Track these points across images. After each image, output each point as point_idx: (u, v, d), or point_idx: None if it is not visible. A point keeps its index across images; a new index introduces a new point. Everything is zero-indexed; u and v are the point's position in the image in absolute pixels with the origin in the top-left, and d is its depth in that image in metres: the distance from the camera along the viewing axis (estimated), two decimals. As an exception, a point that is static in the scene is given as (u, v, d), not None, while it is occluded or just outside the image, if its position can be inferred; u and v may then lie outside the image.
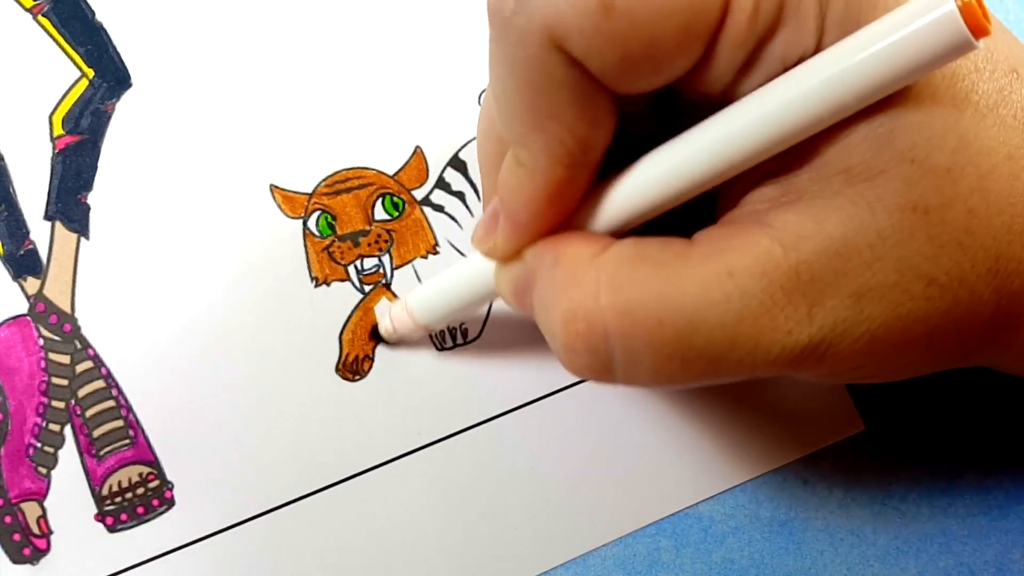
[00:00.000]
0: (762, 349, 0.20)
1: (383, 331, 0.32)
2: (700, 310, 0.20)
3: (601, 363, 0.22)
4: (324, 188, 0.32)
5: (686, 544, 0.32)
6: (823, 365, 0.21)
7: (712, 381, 0.22)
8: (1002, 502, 0.32)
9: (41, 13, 0.33)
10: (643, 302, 0.21)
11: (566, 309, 0.22)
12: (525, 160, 0.21)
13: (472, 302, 0.28)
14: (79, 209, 0.32)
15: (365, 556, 0.31)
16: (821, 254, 0.20)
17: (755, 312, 0.20)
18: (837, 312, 0.20)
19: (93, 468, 0.31)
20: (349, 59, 0.33)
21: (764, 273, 0.20)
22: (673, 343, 0.21)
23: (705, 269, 0.20)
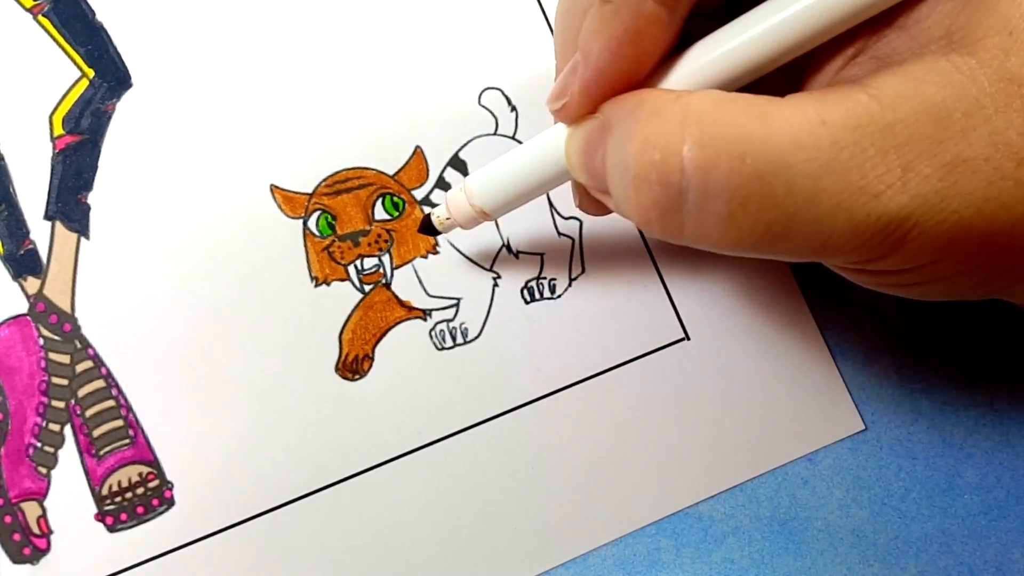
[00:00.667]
0: (845, 210, 0.19)
1: (436, 220, 0.30)
2: (786, 153, 0.19)
3: (671, 201, 0.21)
4: (324, 188, 0.32)
5: (686, 544, 0.32)
6: (903, 249, 0.20)
7: (784, 248, 0.21)
8: (1002, 502, 0.32)
9: (41, 13, 0.33)
10: (728, 137, 0.20)
11: (643, 137, 0.21)
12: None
13: (537, 183, 0.26)
14: (79, 209, 0.32)
15: (365, 556, 0.31)
16: (920, 116, 0.19)
17: (845, 165, 0.19)
18: (930, 182, 0.19)
19: (93, 468, 0.31)
20: (349, 59, 0.33)
21: (859, 126, 0.19)
22: (753, 184, 0.20)
23: (796, 114, 0.20)
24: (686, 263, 0.33)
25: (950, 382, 0.33)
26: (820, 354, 0.32)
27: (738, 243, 0.21)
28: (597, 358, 0.32)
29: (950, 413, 0.32)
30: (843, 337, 0.33)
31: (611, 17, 0.21)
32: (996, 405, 0.32)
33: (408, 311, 0.32)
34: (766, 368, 0.32)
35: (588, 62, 0.22)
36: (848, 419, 0.32)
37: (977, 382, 0.33)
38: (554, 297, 0.33)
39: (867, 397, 0.32)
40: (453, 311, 0.32)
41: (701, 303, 0.33)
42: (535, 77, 0.33)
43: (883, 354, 0.33)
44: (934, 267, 0.21)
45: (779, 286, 0.33)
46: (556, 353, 0.32)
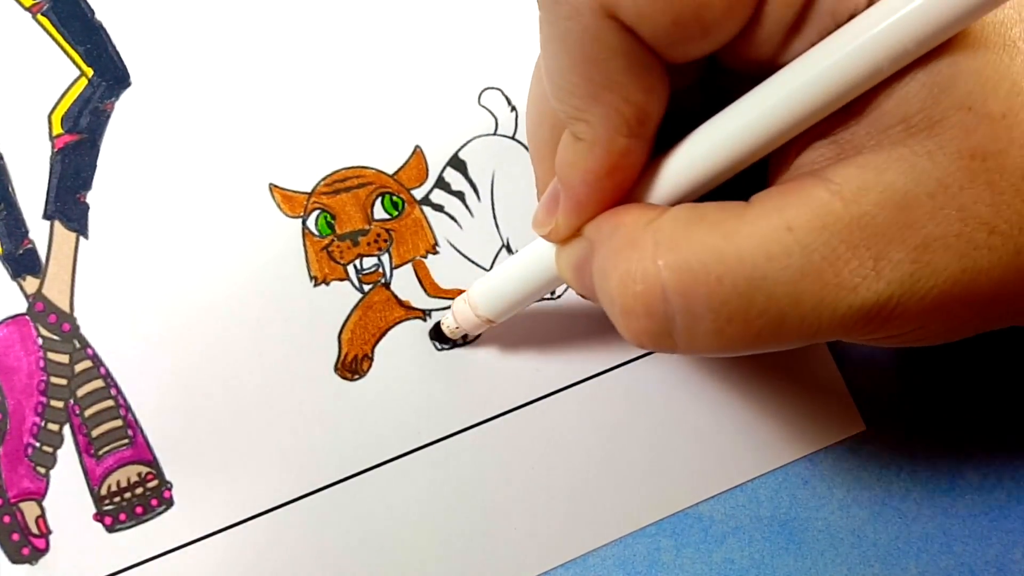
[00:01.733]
0: (827, 307, 0.20)
1: (446, 329, 0.31)
2: (759, 266, 0.20)
3: (660, 327, 0.21)
4: (323, 187, 0.32)
5: (686, 544, 0.32)
6: (890, 325, 0.21)
7: (778, 346, 0.22)
8: (1003, 502, 0.32)
9: (40, 12, 0.33)
10: (701, 259, 0.20)
11: (623, 271, 0.21)
12: (583, 134, 0.21)
13: (535, 290, 0.28)
14: (78, 208, 0.32)
15: (365, 556, 0.31)
16: (883, 206, 0.19)
17: (817, 267, 0.20)
18: (904, 266, 0.20)
19: (92, 468, 0.31)
20: (349, 58, 0.33)
21: (824, 226, 0.20)
22: (734, 301, 0.20)
23: (763, 225, 0.20)
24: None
25: (950, 382, 0.33)
26: (820, 354, 0.32)
27: (733, 350, 0.22)
28: (597, 359, 0.32)
29: (950, 413, 0.32)
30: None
31: (585, 152, 0.22)
32: (997, 406, 0.32)
33: (407, 311, 0.32)
34: (766, 368, 0.32)
35: (569, 193, 0.23)
36: (849, 419, 0.32)
37: (977, 382, 0.33)
38: (554, 297, 0.33)
39: (867, 397, 0.32)
40: (453, 311, 0.32)
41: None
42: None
43: (883, 354, 0.33)
44: (924, 330, 0.22)
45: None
46: (556, 353, 0.32)
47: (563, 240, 0.25)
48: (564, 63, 0.21)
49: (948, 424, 0.32)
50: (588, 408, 0.32)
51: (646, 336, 0.22)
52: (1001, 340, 0.33)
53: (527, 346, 0.32)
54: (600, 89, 0.21)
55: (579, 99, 0.21)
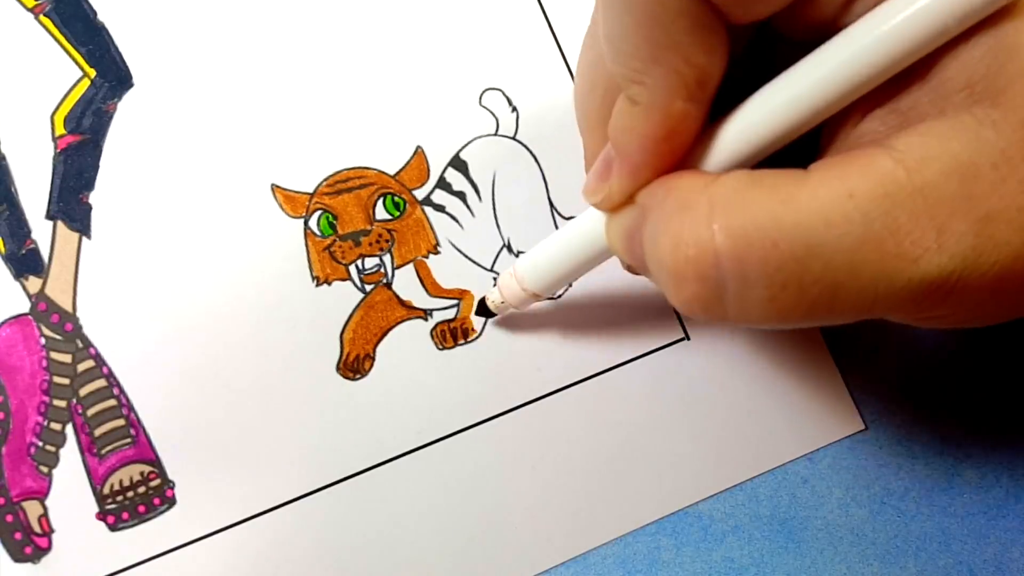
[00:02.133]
0: (886, 278, 0.19)
1: (491, 304, 0.31)
2: (818, 232, 0.19)
3: (711, 292, 0.21)
4: (325, 188, 0.32)
5: (686, 543, 0.32)
6: (949, 301, 0.20)
7: (830, 318, 0.21)
8: (1001, 501, 0.32)
9: (43, 13, 0.33)
10: (757, 224, 0.20)
11: (675, 234, 0.21)
12: (641, 97, 0.21)
13: (583, 263, 0.27)
14: (81, 208, 0.32)
15: (365, 555, 0.31)
16: (948, 176, 0.19)
17: (878, 236, 0.19)
18: (967, 239, 0.19)
19: (94, 467, 0.31)
20: (350, 59, 0.33)
21: (887, 195, 0.19)
22: (789, 267, 0.20)
23: (823, 191, 0.20)
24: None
25: (950, 381, 0.33)
26: (820, 354, 0.33)
27: (785, 320, 0.21)
28: (597, 358, 0.32)
29: (949, 412, 0.33)
30: (843, 337, 0.33)
31: (642, 116, 0.21)
32: (996, 404, 0.33)
33: (409, 311, 0.32)
34: (766, 368, 0.32)
35: (623, 159, 0.23)
36: (848, 419, 0.32)
37: (977, 381, 0.33)
38: (555, 297, 0.33)
39: (867, 396, 0.33)
40: (454, 311, 0.32)
41: (701, 303, 0.33)
42: (536, 78, 0.33)
43: (883, 354, 0.33)
44: (980, 309, 0.21)
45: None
46: (557, 353, 0.32)
47: (615, 208, 0.24)
48: (627, 23, 0.20)
49: (947, 423, 0.33)
50: (589, 407, 0.32)
51: (697, 302, 0.21)
52: (1001, 340, 0.33)
53: (528, 345, 0.32)
54: (662, 50, 0.20)
55: (639, 61, 0.21)
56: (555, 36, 0.34)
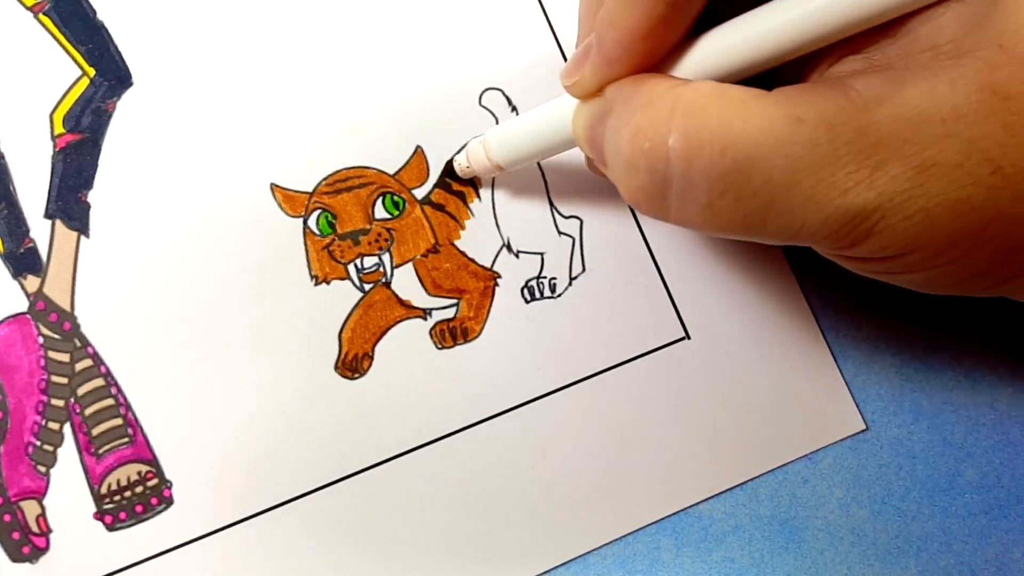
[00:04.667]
0: (815, 204, 0.20)
1: (457, 166, 0.32)
2: (763, 147, 0.20)
3: (657, 187, 0.22)
4: (325, 187, 0.32)
5: (686, 543, 0.32)
6: (871, 240, 0.21)
7: (760, 235, 0.22)
8: (1003, 501, 0.32)
9: (42, 12, 0.33)
10: (711, 129, 0.21)
11: (636, 125, 0.22)
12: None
13: (547, 145, 0.28)
14: (79, 207, 0.32)
15: (364, 554, 0.31)
16: (894, 119, 0.20)
17: (817, 161, 0.20)
18: (898, 182, 0.20)
19: (92, 466, 0.31)
20: (350, 58, 0.33)
21: (833, 125, 0.20)
22: (731, 176, 0.21)
23: (776, 111, 0.21)
24: (687, 262, 0.33)
25: (950, 381, 0.33)
26: (821, 353, 0.33)
27: (718, 228, 0.22)
28: (597, 357, 0.32)
29: (950, 412, 0.33)
30: (843, 337, 0.33)
31: (627, 13, 0.22)
32: (996, 405, 0.32)
33: (408, 310, 0.32)
34: (767, 367, 0.32)
35: (600, 48, 0.23)
36: (849, 418, 0.32)
37: (977, 381, 0.33)
38: (554, 296, 0.33)
39: (867, 396, 0.33)
40: (453, 310, 0.32)
41: (702, 302, 0.33)
42: (536, 78, 0.33)
43: (883, 354, 0.33)
44: (906, 259, 0.22)
45: (780, 285, 0.33)
46: (557, 352, 0.32)
47: (585, 95, 0.25)
48: None
49: (948, 423, 0.32)
50: (588, 407, 0.32)
51: (642, 194, 0.23)
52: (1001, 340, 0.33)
53: (527, 345, 0.32)
54: None
55: None
56: (555, 35, 0.34)
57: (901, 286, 0.25)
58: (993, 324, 0.33)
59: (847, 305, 0.33)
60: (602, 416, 0.32)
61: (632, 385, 0.32)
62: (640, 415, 0.32)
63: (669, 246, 0.33)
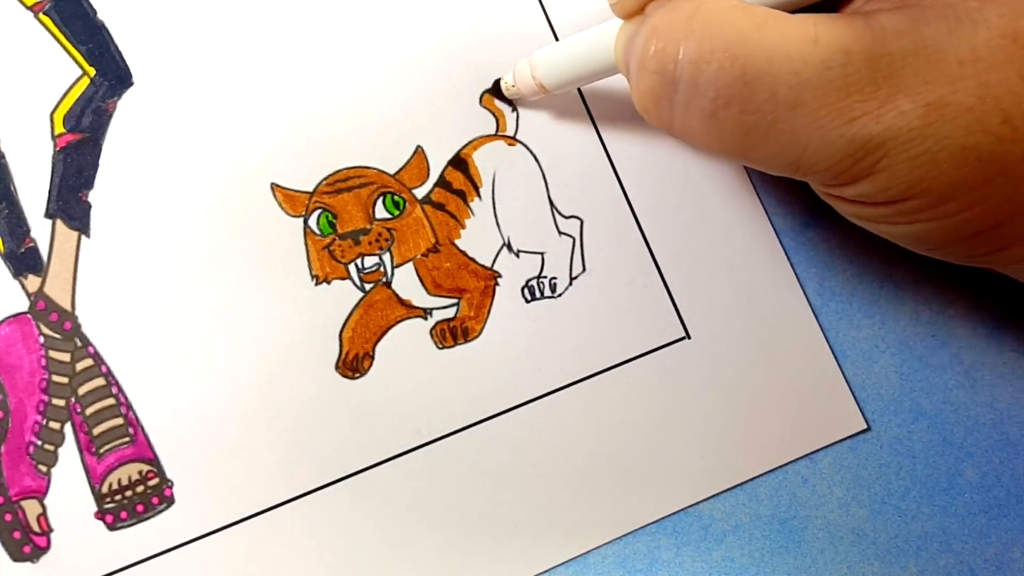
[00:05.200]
0: (819, 127, 0.20)
1: (504, 86, 0.32)
2: (774, 62, 0.20)
3: (663, 89, 0.22)
4: (325, 187, 0.32)
5: (686, 542, 0.32)
6: (872, 178, 0.21)
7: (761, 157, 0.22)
8: (1002, 501, 0.32)
9: (42, 11, 0.33)
10: (726, 37, 0.21)
11: (653, 26, 0.22)
12: None
13: (592, 69, 0.28)
14: (80, 207, 0.32)
15: (365, 554, 0.31)
16: (910, 54, 0.20)
17: (827, 86, 0.20)
18: (906, 118, 0.20)
19: (93, 466, 0.31)
20: (351, 58, 0.33)
21: (848, 51, 0.20)
22: (737, 85, 0.21)
23: (792, 28, 0.20)
24: (687, 262, 0.33)
25: (950, 381, 0.33)
26: (822, 353, 0.33)
27: (719, 142, 0.22)
28: (598, 357, 0.32)
29: (950, 412, 0.33)
30: (843, 336, 0.33)
31: None
32: (996, 404, 0.32)
33: (408, 310, 0.32)
34: (767, 367, 0.32)
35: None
36: (850, 418, 0.32)
37: (978, 381, 0.33)
38: (555, 296, 0.33)
39: (867, 396, 0.33)
40: (454, 310, 0.32)
41: (702, 302, 0.33)
42: (536, 76, 0.33)
43: (883, 353, 0.33)
44: (904, 204, 0.21)
45: (781, 285, 0.33)
46: (557, 352, 0.32)
47: (628, 14, 0.25)
48: None
49: (948, 423, 0.32)
50: (588, 407, 0.32)
51: (649, 96, 0.22)
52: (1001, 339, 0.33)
53: (528, 345, 0.32)
54: None
55: None
56: (556, 36, 0.34)
57: (893, 240, 0.24)
58: (993, 324, 0.33)
59: (847, 305, 0.33)
60: (602, 416, 0.32)
61: (632, 385, 0.32)
62: (640, 415, 0.32)
63: (670, 246, 0.33)
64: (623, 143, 0.33)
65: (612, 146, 0.33)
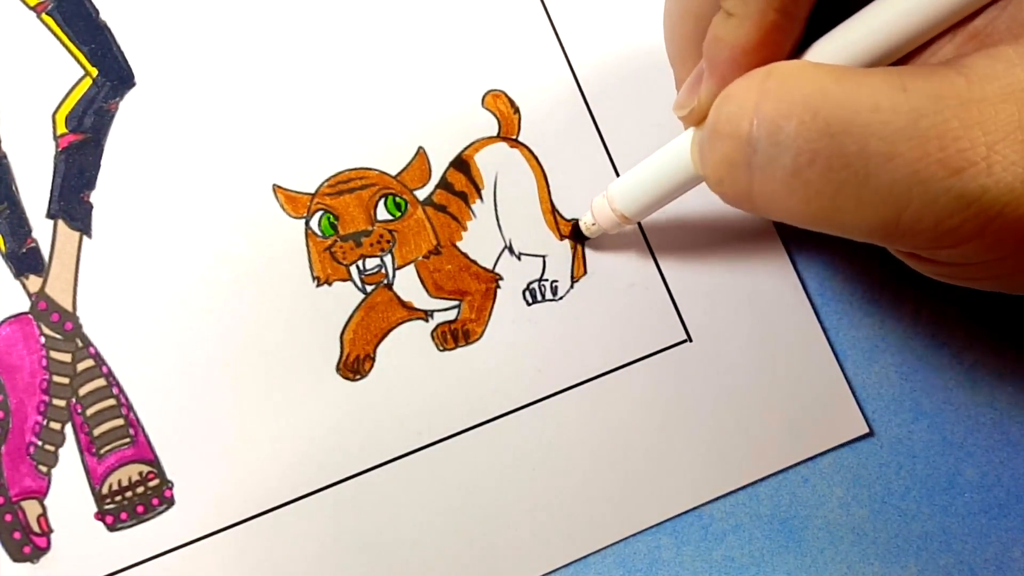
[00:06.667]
0: (921, 180, 0.18)
1: (583, 226, 0.32)
2: (862, 114, 0.19)
3: (740, 153, 0.20)
4: (327, 188, 0.32)
5: (686, 542, 0.32)
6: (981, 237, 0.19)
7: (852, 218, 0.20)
8: (1003, 500, 0.32)
9: (45, 11, 0.33)
10: (804, 92, 0.19)
11: (726, 95, 0.21)
12: (735, 8, 0.21)
13: (672, 186, 0.27)
14: (82, 207, 0.32)
15: (365, 556, 0.31)
16: (1006, 98, 0.18)
17: (924, 134, 0.18)
18: (1016, 171, 0.18)
19: (93, 466, 0.31)
20: (352, 59, 0.33)
21: (941, 96, 0.18)
22: (823, 141, 0.19)
23: (877, 79, 0.19)
24: (689, 265, 0.33)
25: (950, 381, 0.33)
26: (824, 357, 0.33)
27: (807, 206, 0.20)
28: (599, 360, 0.32)
29: (950, 412, 0.33)
30: (844, 336, 0.33)
31: (736, 28, 0.21)
32: (996, 404, 0.33)
33: (410, 312, 0.32)
34: (769, 370, 0.32)
35: (713, 68, 0.23)
36: (852, 422, 0.32)
37: (977, 381, 0.33)
38: (556, 299, 0.33)
39: (867, 396, 0.33)
40: (455, 312, 0.32)
41: (703, 305, 0.33)
42: (539, 79, 0.34)
43: (883, 354, 0.33)
44: (1006, 262, 0.20)
45: (782, 287, 0.33)
46: (558, 355, 0.32)
47: (701, 121, 0.24)
48: None
49: (948, 423, 0.33)
50: (589, 410, 0.32)
51: (723, 164, 0.21)
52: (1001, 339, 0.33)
53: (529, 347, 0.32)
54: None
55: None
56: (558, 37, 0.34)
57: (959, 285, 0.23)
58: (993, 323, 0.33)
59: (847, 305, 0.33)
60: (604, 419, 0.32)
61: (633, 388, 0.32)
62: (641, 418, 0.32)
63: (671, 249, 0.33)
64: (625, 145, 0.33)
65: (614, 147, 0.33)
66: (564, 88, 0.34)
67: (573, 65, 0.34)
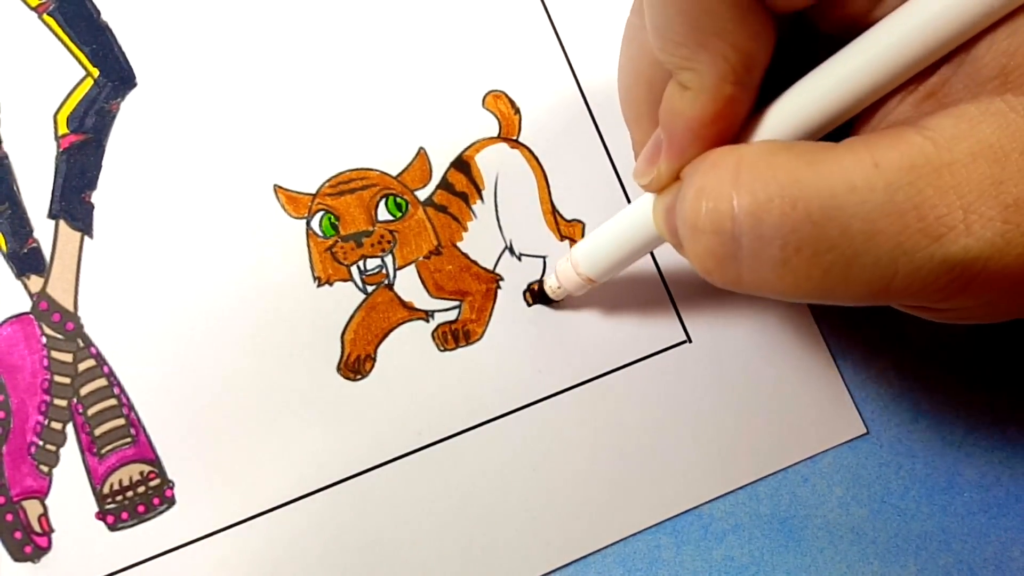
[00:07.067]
0: (905, 254, 0.19)
1: (548, 289, 0.32)
2: (839, 197, 0.19)
3: (726, 248, 0.21)
4: (328, 189, 0.33)
5: (686, 542, 0.32)
6: (970, 290, 0.20)
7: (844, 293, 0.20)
8: (1002, 500, 0.32)
9: (46, 12, 0.33)
10: (779, 182, 0.20)
11: (699, 187, 0.21)
12: (690, 82, 0.21)
13: (636, 248, 0.28)
14: (83, 208, 0.32)
15: (365, 556, 0.31)
16: (976, 157, 0.18)
17: (901, 207, 0.19)
18: (994, 225, 0.18)
19: (94, 466, 0.31)
20: (353, 60, 0.33)
21: (913, 167, 0.19)
22: (806, 229, 0.19)
23: (848, 158, 0.19)
24: (689, 266, 0.33)
25: (950, 381, 0.33)
26: (822, 357, 0.33)
27: (797, 288, 0.21)
28: (598, 360, 0.32)
29: (950, 412, 0.33)
30: (843, 337, 0.33)
31: (692, 101, 0.22)
32: (996, 404, 0.33)
33: (410, 312, 0.32)
34: (768, 371, 0.33)
35: (672, 141, 0.23)
36: (850, 423, 0.32)
37: (977, 381, 0.33)
38: (556, 303, 0.33)
39: (867, 396, 0.33)
40: (456, 312, 0.32)
41: (703, 306, 0.33)
42: (540, 80, 0.34)
43: (883, 354, 0.33)
44: (1001, 302, 0.20)
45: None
46: (558, 355, 0.32)
47: (662, 188, 0.24)
48: (671, 13, 0.21)
49: (948, 423, 0.33)
50: (589, 410, 0.32)
51: (711, 259, 0.21)
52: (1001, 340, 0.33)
53: (529, 348, 0.32)
54: (708, 36, 0.21)
55: (687, 48, 0.21)
56: (559, 38, 0.34)
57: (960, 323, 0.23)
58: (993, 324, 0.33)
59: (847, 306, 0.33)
60: (603, 419, 0.32)
61: (633, 388, 0.32)
62: (641, 418, 0.32)
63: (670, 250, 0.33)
64: (625, 146, 0.33)
65: (614, 148, 0.33)
66: (565, 89, 0.34)
67: (574, 66, 0.34)
